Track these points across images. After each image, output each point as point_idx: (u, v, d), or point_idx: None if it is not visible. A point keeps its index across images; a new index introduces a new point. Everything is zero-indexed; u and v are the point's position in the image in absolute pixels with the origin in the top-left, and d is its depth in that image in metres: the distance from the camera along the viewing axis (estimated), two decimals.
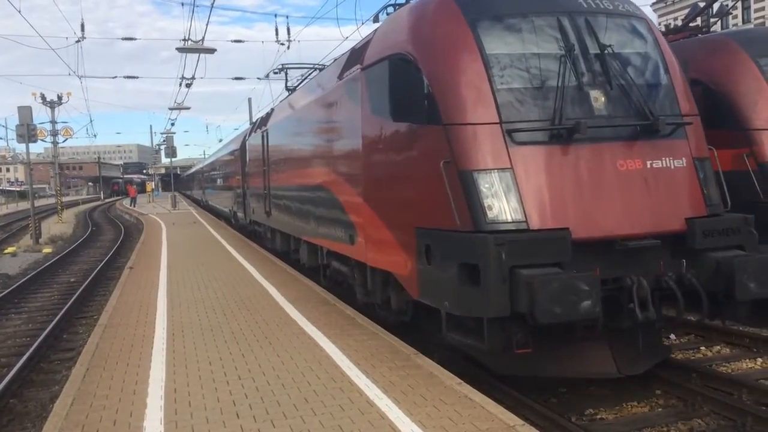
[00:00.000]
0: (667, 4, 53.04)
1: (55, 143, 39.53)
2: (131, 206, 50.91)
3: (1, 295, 14.13)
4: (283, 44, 23.24)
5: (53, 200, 47.25)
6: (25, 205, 52.18)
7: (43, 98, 36.03)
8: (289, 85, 16.50)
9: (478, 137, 6.18)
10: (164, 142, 54.39)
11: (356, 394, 5.69)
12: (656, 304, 6.16)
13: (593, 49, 6.62)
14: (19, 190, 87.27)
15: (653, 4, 53.54)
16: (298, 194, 12.41)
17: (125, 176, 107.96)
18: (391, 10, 9.15)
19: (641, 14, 7.39)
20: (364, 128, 8.15)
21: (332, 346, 7.24)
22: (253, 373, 6.41)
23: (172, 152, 49.79)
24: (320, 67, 14.50)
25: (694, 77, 8.73)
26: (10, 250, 23.88)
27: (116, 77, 56.02)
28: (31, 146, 28.61)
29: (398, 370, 6.29)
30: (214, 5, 17.10)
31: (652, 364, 6.90)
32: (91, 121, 53.16)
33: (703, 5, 12.05)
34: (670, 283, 6.15)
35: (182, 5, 21.93)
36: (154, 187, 67.48)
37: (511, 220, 5.98)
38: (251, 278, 12.37)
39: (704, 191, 6.59)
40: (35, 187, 40.54)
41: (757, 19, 45.23)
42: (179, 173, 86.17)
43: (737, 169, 8.44)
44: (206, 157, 57.58)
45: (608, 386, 7.03)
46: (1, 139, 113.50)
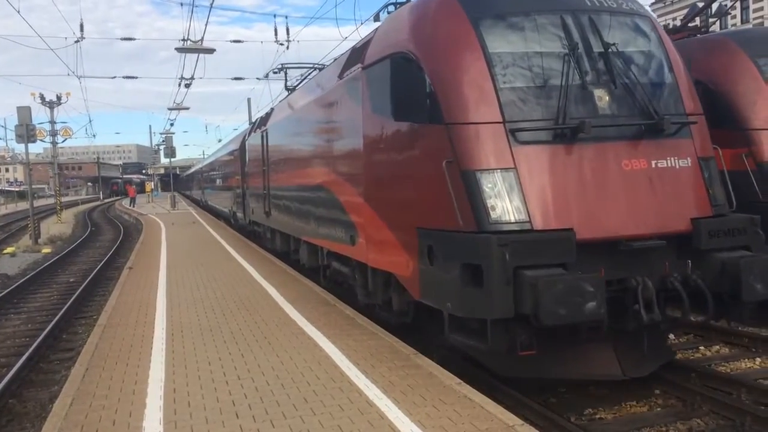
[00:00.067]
0: (665, 4, 53.05)
1: (54, 143, 39.42)
2: (130, 206, 50.91)
3: (0, 295, 14.07)
4: (282, 44, 23.21)
5: (52, 200, 47.15)
6: (24, 205, 52.07)
7: (42, 98, 35.95)
8: (288, 85, 16.46)
9: (480, 137, 6.12)
10: (163, 142, 54.39)
11: (356, 394, 5.66)
12: (661, 305, 6.11)
13: (597, 47, 6.56)
14: (18, 190, 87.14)
15: (652, 4, 53.50)
16: (298, 194, 12.35)
17: (124, 176, 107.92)
18: (392, 8, 9.08)
19: (645, 12, 7.32)
20: (365, 128, 8.09)
21: (332, 346, 7.20)
22: (252, 373, 6.37)
23: (171, 152, 49.79)
24: (320, 66, 14.46)
25: (692, 77, 8.72)
26: (9, 250, 23.80)
27: (115, 77, 56.18)
28: (30, 146, 28.68)
29: (398, 370, 6.26)
30: (213, 5, 17.16)
31: (656, 366, 6.86)
32: (90, 121, 53.36)
33: (701, 5, 11.99)
34: (675, 284, 6.08)
35: (181, 5, 21.97)
36: (153, 187, 67.48)
37: (514, 220, 5.91)
38: (251, 278, 12.32)
39: (709, 191, 6.53)
40: (34, 187, 40.48)
41: (755, 19, 45.28)
42: (178, 173, 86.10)
43: (736, 169, 8.41)
44: (205, 157, 57.59)
45: (607, 386, 7.01)
46: (0, 139, 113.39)
